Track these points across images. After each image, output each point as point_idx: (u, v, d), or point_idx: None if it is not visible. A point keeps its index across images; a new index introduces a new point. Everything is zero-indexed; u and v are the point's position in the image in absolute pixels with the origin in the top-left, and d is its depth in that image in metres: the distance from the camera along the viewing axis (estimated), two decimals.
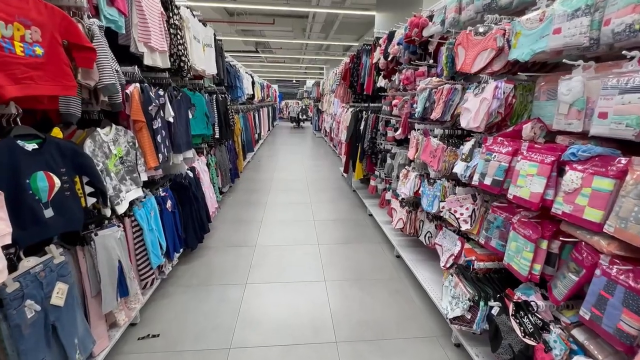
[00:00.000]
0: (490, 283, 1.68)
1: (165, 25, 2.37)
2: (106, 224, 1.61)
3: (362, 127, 4.08)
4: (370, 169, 3.98)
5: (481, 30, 1.67)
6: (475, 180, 1.62)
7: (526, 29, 1.40)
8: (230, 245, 3.20)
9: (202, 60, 3.18)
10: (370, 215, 4.01)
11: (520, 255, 1.39)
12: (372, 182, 3.79)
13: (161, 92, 2.30)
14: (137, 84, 1.94)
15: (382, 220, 3.50)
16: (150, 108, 1.89)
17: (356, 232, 3.58)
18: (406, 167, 2.69)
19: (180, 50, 2.52)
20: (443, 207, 1.92)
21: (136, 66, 2.01)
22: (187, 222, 2.74)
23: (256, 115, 7.93)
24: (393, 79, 3.19)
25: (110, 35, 1.88)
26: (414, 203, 2.72)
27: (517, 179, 1.39)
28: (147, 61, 2.15)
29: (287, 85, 26.60)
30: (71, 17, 1.31)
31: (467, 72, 1.75)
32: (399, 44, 2.82)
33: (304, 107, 16.64)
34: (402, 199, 2.75)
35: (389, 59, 3.10)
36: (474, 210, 1.80)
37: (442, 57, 2.34)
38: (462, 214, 1.84)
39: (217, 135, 3.91)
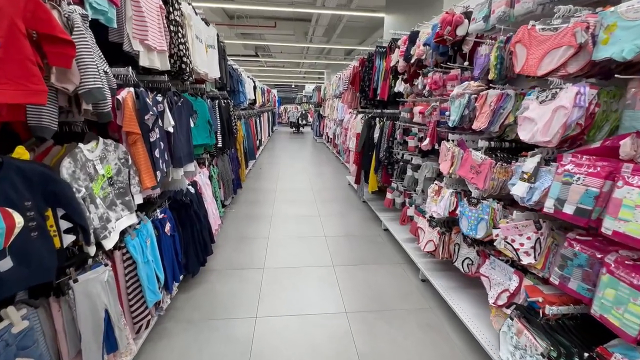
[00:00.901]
0: (565, 333, 1.37)
1: (165, 21, 2.06)
2: (90, 264, 1.29)
3: (376, 135, 3.78)
4: (386, 181, 3.68)
5: (552, 24, 1.38)
6: (548, 208, 1.32)
7: (626, 20, 1.11)
8: (235, 268, 2.86)
9: (205, 63, 2.87)
10: (386, 230, 3.70)
11: (624, 308, 1.08)
12: (388, 195, 3.48)
13: (159, 98, 1.99)
14: (131, 89, 1.62)
15: (402, 238, 3.18)
16: (146, 117, 1.57)
17: (373, 251, 3.25)
18: (436, 181, 2.38)
19: (182, 51, 2.21)
20: (496, 235, 1.62)
21: (130, 68, 1.69)
22: (188, 245, 2.41)
23: (257, 121, 7.63)
24: (415, 84, 2.90)
25: (101, 31, 1.57)
26: (445, 223, 2.41)
27: (618, 210, 1.09)
28: (144, 62, 1.84)
29: (286, 89, 26.40)
30: (43, 1, 0.99)
31: (532, 74, 1.46)
32: (425, 44, 2.53)
33: (303, 112, 16.36)
34: (431, 217, 2.44)
35: (412, 61, 2.82)
36: (538, 240, 1.49)
37: (481, 58, 2.05)
38: (522, 244, 1.53)
39: (220, 144, 3.59)
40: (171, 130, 2.04)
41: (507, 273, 1.69)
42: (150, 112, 1.57)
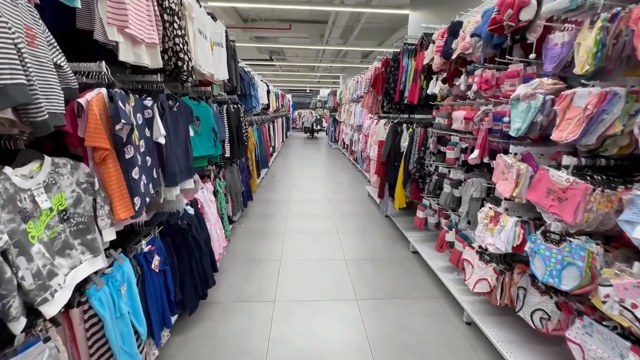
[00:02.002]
0: None
1: (157, 8, 1.69)
2: (19, 343, 0.89)
3: (404, 144, 3.31)
4: (416, 196, 3.19)
5: None
6: None
7: None
8: (242, 300, 2.44)
9: (210, 62, 2.50)
10: (415, 252, 3.20)
11: None
12: (419, 214, 2.99)
13: (149, 102, 1.61)
14: (103, 90, 1.23)
15: (438, 266, 2.69)
16: (117, 128, 1.17)
17: (402, 280, 2.77)
18: (489, 205, 1.89)
19: (178, 45, 1.83)
20: (606, 296, 1.12)
21: (103, 63, 1.31)
22: (185, 278, 2.01)
23: (271, 126, 7.27)
24: (457, 84, 2.43)
25: (70, 15, 1.21)
26: (503, 257, 1.92)
27: None
28: (126, 56, 1.46)
29: (300, 94, 26.20)
30: None
31: None
32: (473, 35, 2.06)
33: (318, 117, 16.00)
34: (483, 249, 1.95)
35: (453, 57, 2.35)
36: None
37: (555, 48, 1.58)
38: None
39: (227, 154, 3.21)
40: (162, 141, 1.65)
41: (617, 347, 1.19)
42: (123, 121, 1.17)
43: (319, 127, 15.95)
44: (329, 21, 8.22)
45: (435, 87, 2.81)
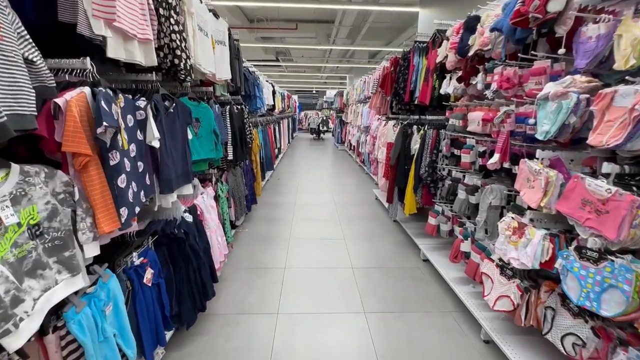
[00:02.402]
0: None
1: (152, 2, 1.57)
2: None
3: (414, 147, 3.15)
4: (428, 202, 3.03)
5: None
6: None
7: None
8: (243, 312, 2.31)
9: (211, 61, 2.38)
10: (426, 260, 3.04)
11: None
12: (431, 220, 2.83)
13: (142, 103, 1.49)
14: (86, 89, 1.11)
15: (451, 277, 2.52)
16: (99, 131, 1.05)
17: (413, 291, 2.61)
18: (512, 215, 1.73)
19: (175, 42, 1.71)
20: None
21: (88, 59, 1.19)
22: (182, 290, 1.89)
23: (276, 128, 7.16)
24: (473, 83, 2.26)
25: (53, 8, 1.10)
26: (527, 272, 1.75)
27: None
28: (116, 53, 1.34)
29: (307, 95, 26.12)
30: None
31: None
32: (493, 29, 1.90)
33: (324, 118, 15.87)
34: (505, 263, 1.79)
35: (470, 54, 2.19)
36: None
37: (589, 42, 1.42)
38: None
39: (230, 157, 3.09)
40: (156, 145, 1.52)
41: None
42: (105, 124, 1.05)
43: (325, 128, 15.82)
44: (335, 21, 8.09)
45: (449, 86, 2.64)
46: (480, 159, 2.13)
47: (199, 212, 2.22)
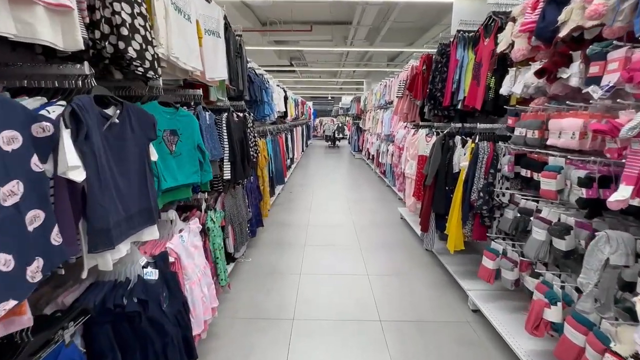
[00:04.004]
0: None
1: None
2: None
3: (462, 164, 2.46)
4: (480, 235, 2.31)
5: None
6: None
7: None
8: None
9: (196, 54, 1.79)
10: (476, 311, 2.32)
11: None
12: (486, 262, 2.12)
13: (55, 109, 0.90)
14: None
15: (527, 349, 1.79)
16: None
17: None
18: None
19: (119, 15, 1.11)
20: None
21: None
22: None
23: (289, 136, 6.58)
24: (564, 76, 1.56)
25: None
26: None
27: None
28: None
29: (322, 102, 25.70)
30: None
31: None
32: None
33: (340, 124, 15.25)
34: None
35: (561, 35, 1.50)
36: None
37: None
38: None
39: (227, 176, 2.49)
40: (76, 177, 0.92)
41: None
42: None
43: (340, 136, 15.20)
44: (353, 21, 7.49)
45: (516, 84, 1.95)
46: (585, 190, 1.42)
47: (173, 259, 1.61)
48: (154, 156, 1.35)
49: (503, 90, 2.04)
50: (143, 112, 1.29)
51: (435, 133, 3.28)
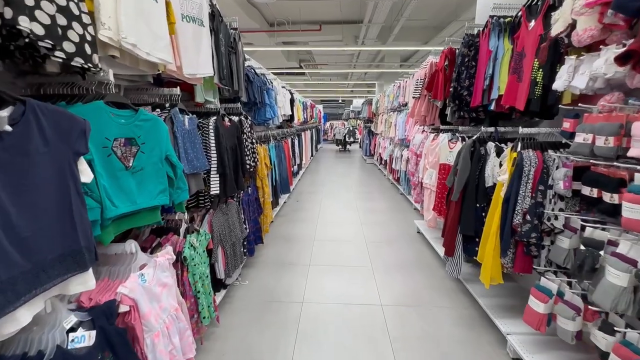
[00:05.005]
0: None
1: None
2: None
3: (500, 177, 2.01)
4: (524, 267, 1.84)
5: None
6: None
7: None
8: None
9: (165, 42, 1.42)
10: None
11: None
12: (535, 305, 1.65)
13: None
14: None
15: None
16: None
17: None
18: None
19: None
20: None
21: None
22: None
23: (296, 141, 6.20)
24: None
25: None
26: None
27: None
28: None
29: (332, 105, 25.39)
30: None
31: None
32: None
33: (351, 128, 14.82)
34: None
35: None
36: None
37: None
38: None
39: (215, 191, 2.12)
40: None
41: None
42: None
43: (351, 139, 14.76)
44: (365, 19, 7.09)
45: (576, 76, 1.50)
46: None
47: (127, 308, 1.22)
48: (85, 177, 0.98)
49: (557, 85, 1.59)
50: (66, 115, 0.92)
51: (460, 138, 2.83)
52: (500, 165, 2.07)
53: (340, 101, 25.62)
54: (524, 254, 1.81)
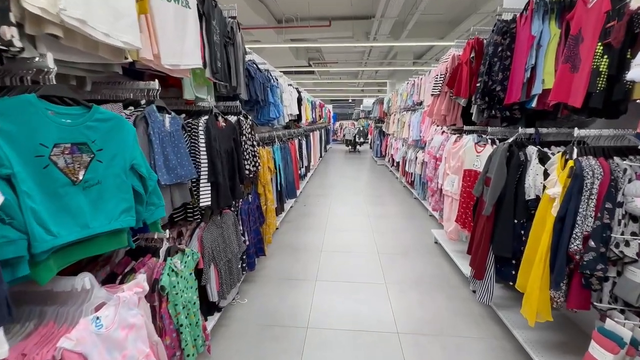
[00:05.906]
0: None
1: None
2: None
3: (552, 191, 1.65)
4: (581, 303, 1.48)
5: None
6: None
7: None
8: None
9: (129, 20, 1.13)
10: None
11: None
12: (599, 355, 1.30)
13: None
14: None
15: None
16: None
17: None
18: None
19: None
20: None
21: None
22: None
23: (303, 142, 5.89)
24: None
25: None
26: None
27: None
28: None
29: (342, 105, 25.05)
30: None
31: None
32: None
33: (361, 128, 14.44)
34: None
35: None
36: None
37: None
38: None
39: (205, 202, 1.83)
40: None
41: None
42: None
43: (362, 140, 14.38)
44: (377, 13, 6.73)
45: None
46: None
47: None
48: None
49: (634, 75, 1.23)
50: None
51: (489, 141, 2.47)
52: (546, 174, 1.71)
53: (350, 101, 25.25)
54: (581, 287, 1.45)
